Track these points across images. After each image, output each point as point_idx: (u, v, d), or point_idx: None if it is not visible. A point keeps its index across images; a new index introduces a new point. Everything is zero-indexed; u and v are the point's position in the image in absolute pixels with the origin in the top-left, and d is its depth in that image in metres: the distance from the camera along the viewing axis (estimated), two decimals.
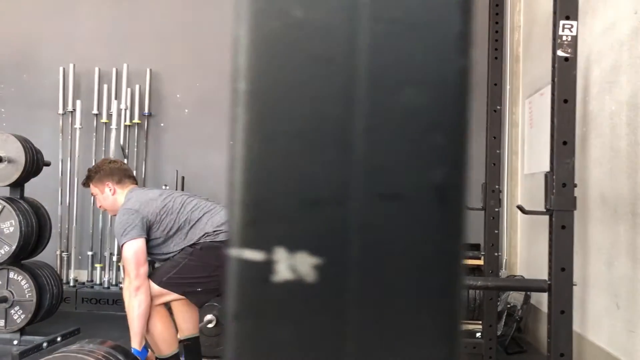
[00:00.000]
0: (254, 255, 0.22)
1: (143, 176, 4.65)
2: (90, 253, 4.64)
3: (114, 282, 4.56)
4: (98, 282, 4.59)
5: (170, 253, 2.46)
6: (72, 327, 3.53)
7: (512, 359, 3.35)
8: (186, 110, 4.76)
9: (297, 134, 0.21)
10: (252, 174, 0.22)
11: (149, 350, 2.44)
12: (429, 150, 0.22)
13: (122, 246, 2.33)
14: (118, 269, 4.58)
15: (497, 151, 2.87)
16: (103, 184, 2.57)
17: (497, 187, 2.86)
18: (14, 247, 3.18)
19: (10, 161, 3.27)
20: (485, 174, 2.93)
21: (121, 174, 2.60)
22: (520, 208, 1.76)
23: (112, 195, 2.56)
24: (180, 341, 2.50)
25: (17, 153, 3.28)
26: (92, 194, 2.68)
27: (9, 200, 3.26)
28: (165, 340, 2.31)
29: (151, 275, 2.37)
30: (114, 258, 4.57)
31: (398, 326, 0.21)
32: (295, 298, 0.20)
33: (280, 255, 0.21)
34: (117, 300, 4.32)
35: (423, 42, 0.22)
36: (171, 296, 2.38)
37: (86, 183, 2.66)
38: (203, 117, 4.74)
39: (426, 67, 0.22)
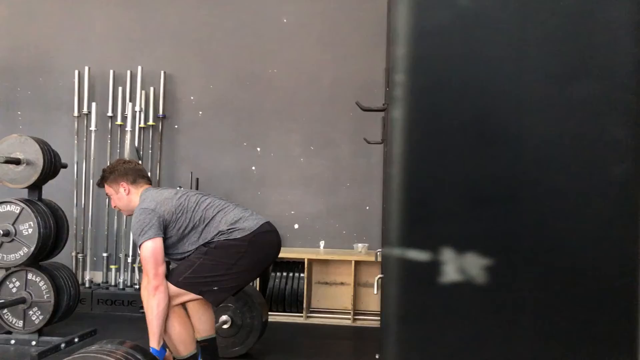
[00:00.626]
0: (419, 255, 0.21)
1: (157, 178, 4.66)
2: (105, 254, 4.66)
3: (129, 284, 4.58)
4: (113, 283, 4.61)
5: (185, 252, 2.46)
6: (88, 328, 3.55)
7: None
8: (200, 113, 4.78)
9: (463, 128, 0.21)
10: (414, 171, 0.21)
11: (167, 349, 2.44)
12: (606, 145, 0.21)
13: (140, 246, 2.34)
14: (133, 270, 4.60)
15: None
16: (118, 184, 2.58)
17: None
18: (32, 249, 3.20)
19: (28, 163, 3.29)
20: None
21: (135, 174, 2.61)
22: None
23: (126, 196, 2.57)
24: (197, 342, 2.50)
25: (36, 155, 3.30)
26: (106, 194, 2.69)
27: (27, 202, 3.28)
28: (183, 341, 2.32)
29: (167, 276, 2.37)
30: (129, 259, 4.59)
31: (573, 331, 0.20)
32: (465, 300, 0.20)
33: (448, 256, 0.20)
34: (132, 302, 4.34)
35: (597, 34, 0.21)
36: (188, 296, 2.38)
37: (101, 183, 2.67)
38: (217, 119, 4.75)
39: (601, 59, 0.22)
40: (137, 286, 4.53)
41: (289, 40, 4.74)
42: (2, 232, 3.17)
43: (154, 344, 2.28)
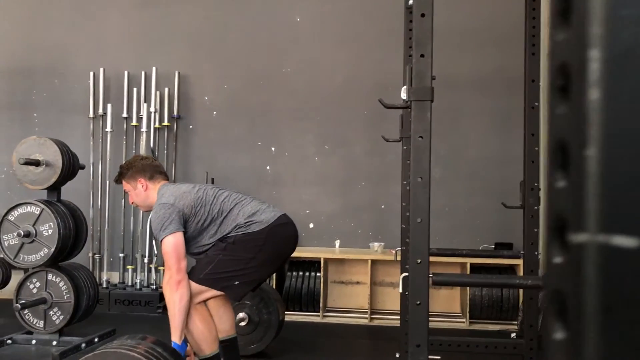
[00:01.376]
0: (627, 242, 0.20)
1: (173, 178, 4.67)
2: (121, 255, 4.69)
3: (145, 284, 4.61)
4: (130, 283, 4.64)
5: (204, 246, 2.46)
6: (107, 328, 3.57)
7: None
8: (214, 113, 4.79)
9: None
10: (614, 141, 0.20)
11: (188, 344, 2.44)
12: None
13: (161, 241, 2.34)
14: (149, 270, 4.62)
15: (536, 148, 2.83)
16: (135, 180, 2.58)
17: (536, 184, 2.81)
18: (52, 249, 3.22)
19: (47, 165, 3.32)
20: (523, 171, 2.89)
21: (153, 170, 2.62)
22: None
23: (144, 192, 2.57)
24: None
25: (55, 156, 3.32)
26: (124, 191, 2.70)
27: (47, 203, 3.31)
28: (205, 340, 2.31)
29: (188, 274, 2.36)
30: (145, 260, 4.61)
31: None
32: None
33: None
34: (149, 302, 4.36)
35: None
36: (210, 292, 2.37)
37: (118, 180, 2.67)
38: (231, 118, 4.76)
39: None
40: (153, 286, 4.55)
41: (302, 39, 4.73)
42: (23, 233, 3.19)
43: (175, 338, 2.27)
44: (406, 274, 1.85)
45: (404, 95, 2.14)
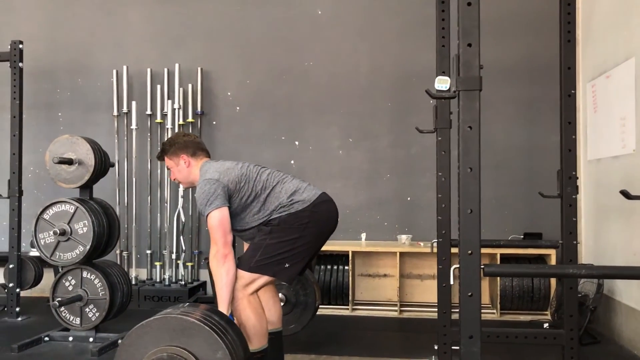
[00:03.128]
0: None
1: None
2: (148, 252, 4.72)
3: (174, 280, 4.63)
4: (158, 279, 4.67)
5: (246, 225, 2.45)
6: (140, 324, 3.59)
7: (586, 350, 3.26)
8: (238, 108, 4.79)
9: None
10: None
11: (234, 318, 2.44)
12: None
13: (207, 216, 2.34)
14: (177, 266, 4.65)
15: (573, 137, 2.78)
16: (178, 156, 2.59)
17: (573, 173, 2.78)
18: (88, 247, 3.25)
19: (80, 163, 3.34)
20: (560, 160, 2.85)
21: (195, 146, 2.62)
22: (624, 193, 1.69)
23: (186, 168, 2.58)
24: None
25: (87, 155, 3.34)
26: (167, 167, 2.70)
27: (80, 201, 3.33)
28: (257, 334, 2.31)
29: (238, 265, 2.37)
30: (173, 256, 4.63)
31: None
32: None
33: None
34: (178, 297, 4.38)
35: None
36: (262, 280, 2.37)
37: (161, 156, 2.67)
38: (254, 113, 4.76)
39: None
40: (182, 282, 4.58)
41: (324, 32, 4.71)
42: (58, 232, 3.22)
43: (223, 310, 2.27)
44: (457, 265, 1.84)
45: (437, 85, 2.12)
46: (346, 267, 4.27)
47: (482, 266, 1.83)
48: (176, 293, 4.40)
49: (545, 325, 3.66)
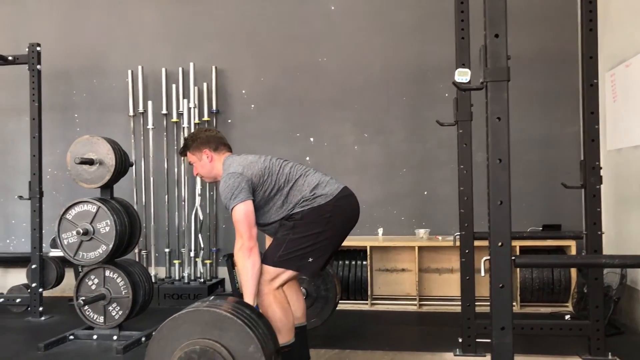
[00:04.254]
0: None
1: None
2: (167, 250, 4.75)
3: (192, 278, 4.66)
4: (177, 278, 4.70)
5: (269, 219, 2.46)
6: (161, 322, 3.61)
7: (611, 341, 3.24)
8: (252, 106, 4.80)
9: None
10: None
11: (259, 310, 2.45)
12: None
13: (232, 209, 2.34)
14: (195, 264, 4.67)
15: (596, 126, 2.77)
16: (200, 151, 2.59)
17: (597, 163, 2.76)
18: (110, 246, 3.27)
19: (101, 163, 3.36)
20: (582, 150, 2.84)
21: (217, 141, 2.62)
22: None
23: (209, 163, 2.58)
24: None
25: (107, 155, 3.36)
26: (189, 163, 2.71)
27: (102, 200, 3.36)
28: (283, 328, 2.32)
29: (263, 260, 2.38)
30: (191, 254, 4.66)
31: None
32: None
33: None
34: (197, 295, 4.41)
35: None
36: (286, 274, 2.38)
37: (183, 152, 2.68)
38: (269, 111, 4.77)
39: None
40: (201, 280, 4.61)
41: (337, 28, 4.70)
42: (81, 231, 3.25)
43: (249, 303, 2.27)
44: (487, 257, 1.84)
45: (457, 77, 2.11)
46: (364, 263, 4.27)
47: (512, 257, 1.83)
48: (195, 291, 4.43)
49: (567, 317, 3.64)
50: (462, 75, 2.20)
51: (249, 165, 2.43)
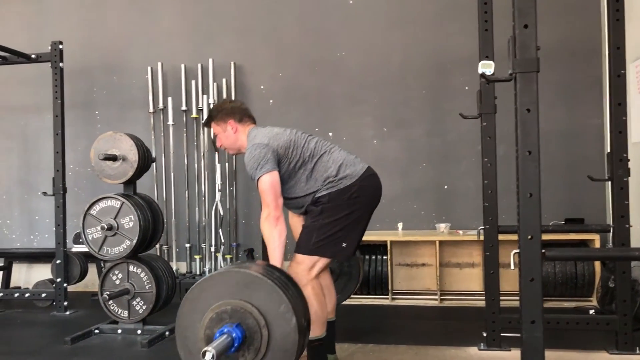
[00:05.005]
0: None
1: (234, 168, 4.74)
2: (187, 245, 4.79)
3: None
4: (198, 272, 4.74)
5: (293, 194, 2.45)
6: None
7: (638, 336, 3.19)
8: (271, 101, 4.80)
9: None
10: None
11: None
12: None
13: (257, 179, 2.31)
14: (216, 259, 4.71)
15: (623, 118, 2.72)
16: (225, 122, 2.58)
17: (624, 155, 2.72)
18: (134, 241, 3.31)
19: (124, 159, 3.40)
20: (610, 142, 2.79)
21: (242, 112, 2.61)
22: None
23: (233, 134, 2.57)
24: None
25: (130, 151, 3.40)
26: (213, 134, 2.69)
27: (125, 196, 3.39)
28: (317, 321, 2.29)
29: (296, 250, 2.38)
30: (212, 249, 4.69)
31: None
32: None
33: None
34: None
35: None
36: (321, 262, 2.36)
37: (207, 123, 2.67)
38: (288, 106, 4.77)
39: None
40: None
41: (356, 22, 4.68)
42: (105, 227, 3.29)
43: None
44: (516, 250, 1.82)
45: (481, 69, 2.08)
46: (384, 257, 4.26)
47: (543, 250, 1.81)
48: None
49: (591, 311, 3.60)
50: (486, 68, 2.17)
51: (274, 137, 2.42)
